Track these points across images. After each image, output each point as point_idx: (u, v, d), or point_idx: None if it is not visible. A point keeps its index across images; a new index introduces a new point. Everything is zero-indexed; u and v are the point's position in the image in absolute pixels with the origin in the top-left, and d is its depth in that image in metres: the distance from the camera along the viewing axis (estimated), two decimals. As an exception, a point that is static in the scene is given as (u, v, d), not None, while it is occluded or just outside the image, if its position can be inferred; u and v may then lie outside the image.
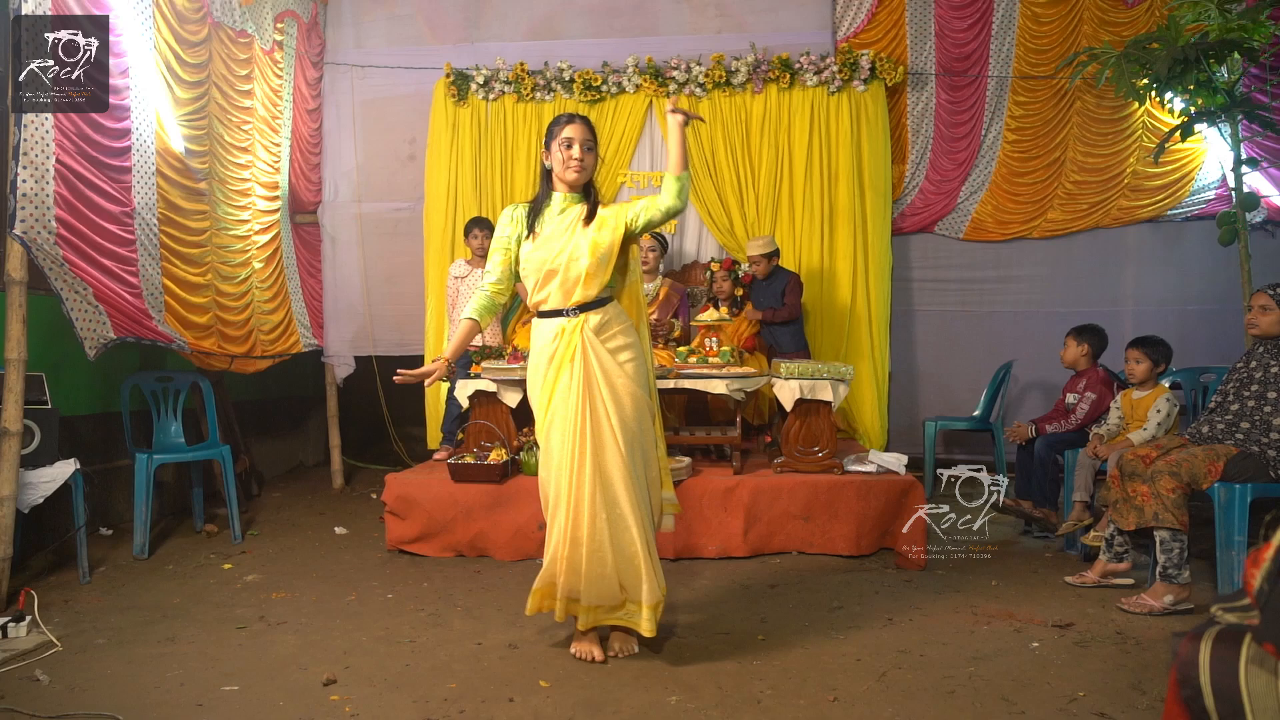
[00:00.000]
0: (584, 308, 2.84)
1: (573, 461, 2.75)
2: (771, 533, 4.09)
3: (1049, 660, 2.79)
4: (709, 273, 5.52)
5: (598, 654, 2.81)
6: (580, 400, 2.76)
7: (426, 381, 2.82)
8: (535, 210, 2.93)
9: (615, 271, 2.90)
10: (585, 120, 2.89)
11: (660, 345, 4.89)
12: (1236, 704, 1.31)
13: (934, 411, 5.67)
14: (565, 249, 2.83)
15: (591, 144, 2.87)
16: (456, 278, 5.23)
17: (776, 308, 5.10)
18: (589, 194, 2.94)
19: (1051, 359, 5.08)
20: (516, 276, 2.99)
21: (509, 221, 2.96)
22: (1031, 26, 5.68)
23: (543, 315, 2.90)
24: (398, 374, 2.78)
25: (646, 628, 2.73)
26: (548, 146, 2.91)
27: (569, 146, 2.83)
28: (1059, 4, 5.63)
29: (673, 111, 2.78)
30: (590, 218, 2.86)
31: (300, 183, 5.69)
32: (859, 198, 5.56)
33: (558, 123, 2.88)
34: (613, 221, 2.85)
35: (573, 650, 2.85)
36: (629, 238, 2.90)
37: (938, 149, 5.79)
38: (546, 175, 2.94)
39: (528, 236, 2.91)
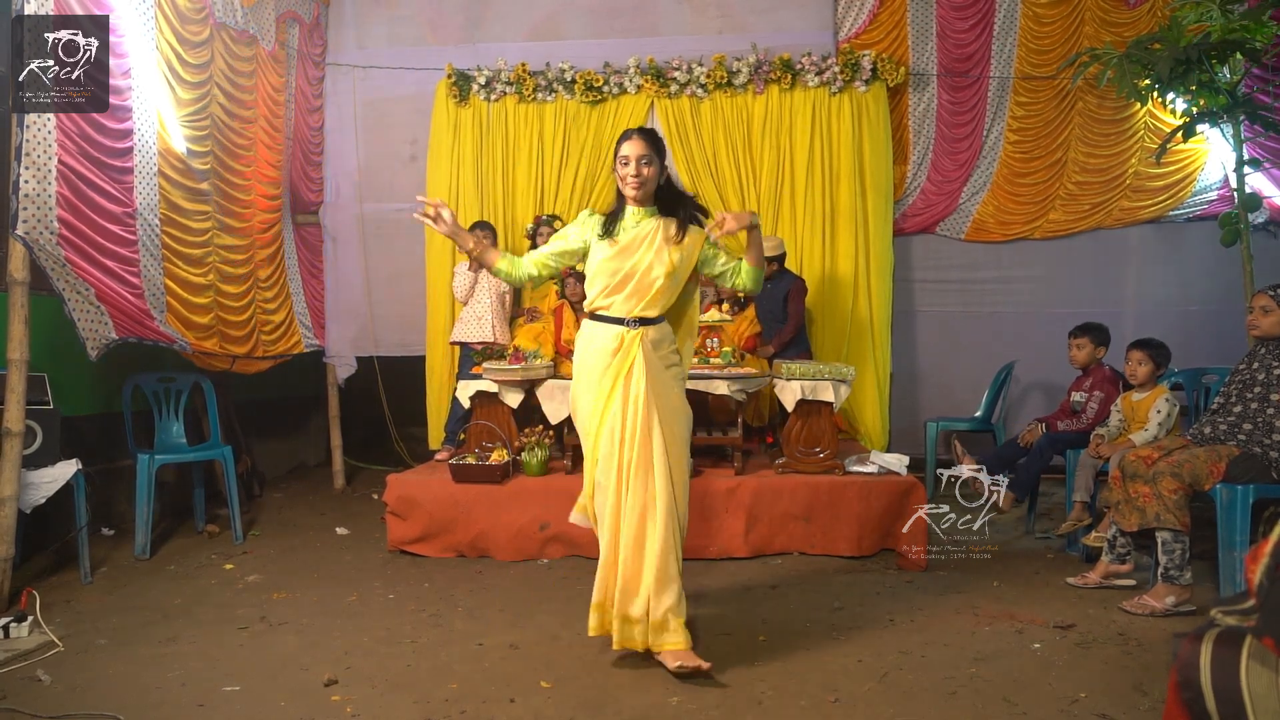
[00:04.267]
0: (644, 321, 2.88)
1: (626, 472, 2.77)
2: (773, 533, 4.09)
3: (1050, 661, 2.79)
4: None
5: (702, 663, 2.66)
6: (645, 412, 2.79)
7: (439, 226, 2.89)
8: (613, 219, 2.94)
9: (679, 294, 2.98)
10: (644, 133, 2.90)
11: None
12: (1238, 705, 1.30)
13: (935, 412, 5.67)
14: (643, 261, 2.87)
15: (650, 157, 2.87)
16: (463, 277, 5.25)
17: (779, 315, 5.09)
18: (676, 208, 2.95)
19: (1053, 360, 5.08)
20: (549, 274, 3.07)
21: (582, 224, 2.98)
22: (1033, 27, 5.68)
23: (599, 319, 2.92)
24: (422, 203, 2.88)
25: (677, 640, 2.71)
26: (614, 164, 2.95)
27: (626, 164, 2.87)
28: (1061, 4, 5.62)
29: (728, 233, 2.84)
30: (680, 235, 2.90)
31: (302, 183, 5.70)
32: (860, 198, 5.56)
33: (619, 140, 2.91)
34: (691, 250, 2.92)
35: (674, 666, 2.68)
36: (699, 270, 2.99)
37: (939, 149, 5.79)
38: (619, 190, 2.96)
39: (603, 238, 2.91)
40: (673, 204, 2.96)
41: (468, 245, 2.98)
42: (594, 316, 2.94)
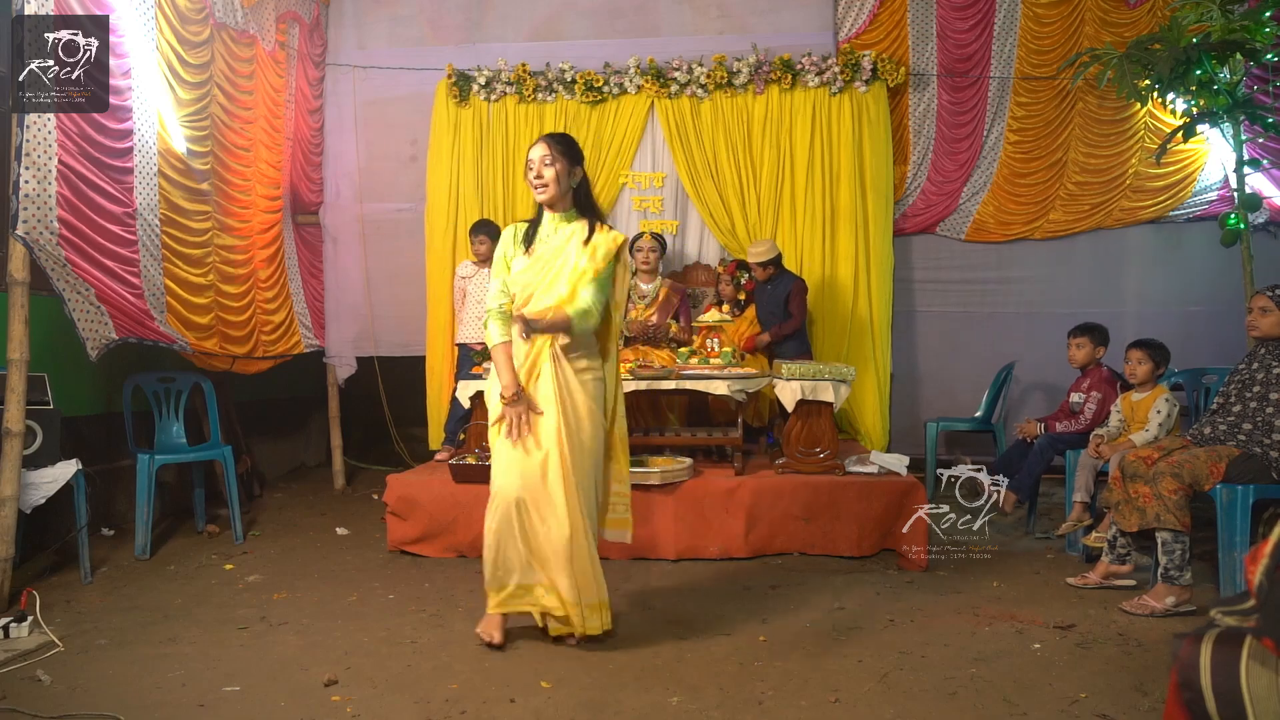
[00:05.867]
0: None
1: (522, 462, 2.84)
2: (773, 534, 4.09)
3: (1051, 662, 2.79)
4: (717, 275, 5.54)
5: (496, 636, 2.91)
6: (554, 412, 2.83)
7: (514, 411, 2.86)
8: (533, 227, 2.97)
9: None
10: (548, 137, 2.90)
11: (653, 347, 4.87)
12: (1238, 705, 1.30)
13: (936, 412, 5.67)
14: (551, 271, 2.88)
15: (551, 158, 2.87)
16: (464, 277, 5.26)
17: (780, 316, 5.09)
18: (587, 211, 2.94)
19: (1053, 360, 5.08)
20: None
21: (509, 241, 2.99)
22: (1033, 27, 5.68)
23: None
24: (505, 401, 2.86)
25: (579, 625, 2.84)
26: None
27: (530, 169, 2.89)
28: (1061, 5, 5.63)
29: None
30: (589, 239, 2.89)
31: (302, 183, 5.70)
32: (860, 198, 5.56)
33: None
34: (600, 254, 2.88)
35: (478, 630, 2.96)
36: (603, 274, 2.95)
37: (939, 150, 5.79)
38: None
39: (523, 254, 2.94)
40: (587, 208, 2.96)
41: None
42: None
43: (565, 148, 2.90)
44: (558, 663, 2.82)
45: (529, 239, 2.95)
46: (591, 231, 2.91)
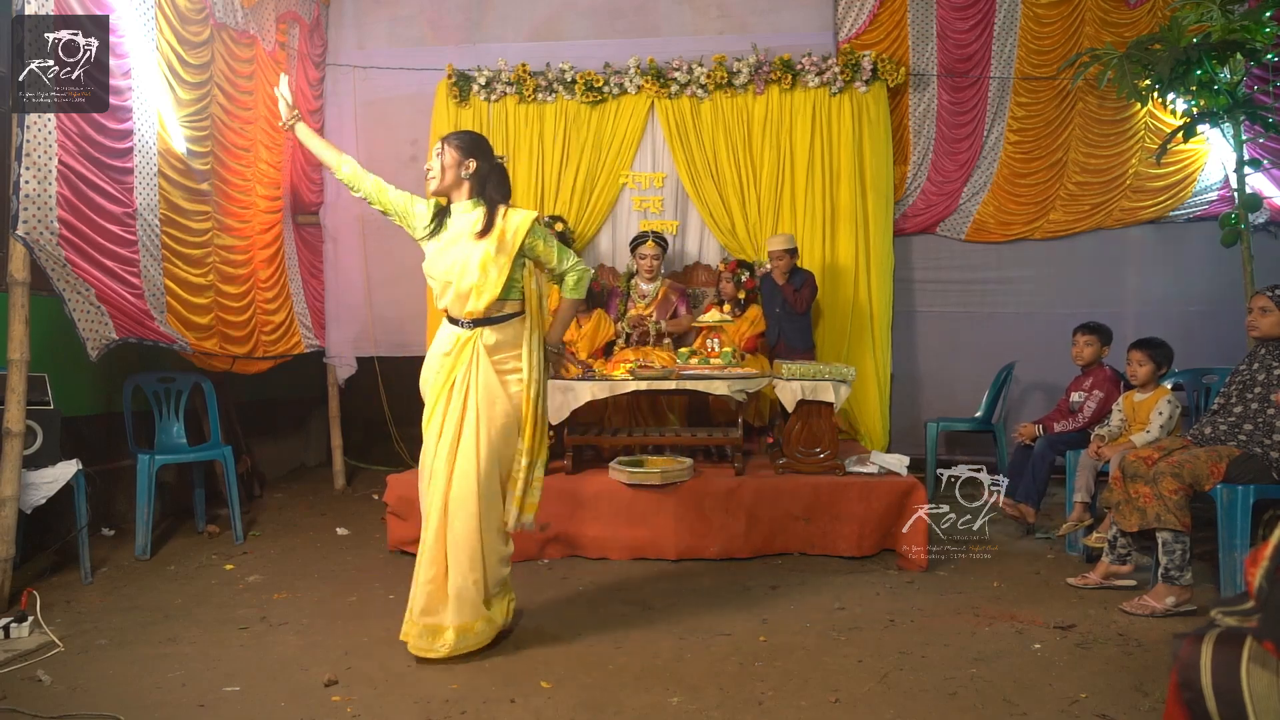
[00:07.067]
0: (478, 322, 2.90)
1: (436, 465, 2.91)
2: (773, 534, 4.09)
3: (1051, 662, 2.79)
4: (718, 274, 5.54)
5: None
6: (461, 412, 2.88)
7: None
8: (441, 214, 2.99)
9: (512, 289, 2.92)
10: (453, 135, 2.96)
11: (636, 345, 4.85)
12: (1238, 706, 1.30)
13: (936, 412, 5.67)
14: (458, 260, 2.88)
15: (440, 148, 2.93)
16: None
17: (796, 313, 5.09)
18: (488, 198, 2.94)
19: (1053, 360, 5.08)
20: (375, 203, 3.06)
21: (425, 207, 2.99)
22: (1033, 27, 5.68)
23: (446, 317, 2.98)
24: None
25: (444, 649, 2.79)
26: None
27: (428, 162, 2.96)
28: (1061, 5, 5.62)
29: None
30: (486, 230, 2.87)
31: (302, 183, 5.70)
32: (861, 199, 5.56)
33: None
34: (515, 233, 2.88)
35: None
36: (524, 258, 2.95)
37: (939, 150, 5.79)
38: None
39: (432, 236, 2.96)
40: (488, 194, 2.95)
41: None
42: (445, 314, 2.99)
43: (465, 142, 2.95)
44: (558, 663, 2.82)
45: (437, 223, 2.96)
46: (489, 223, 2.88)
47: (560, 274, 3.02)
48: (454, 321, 2.94)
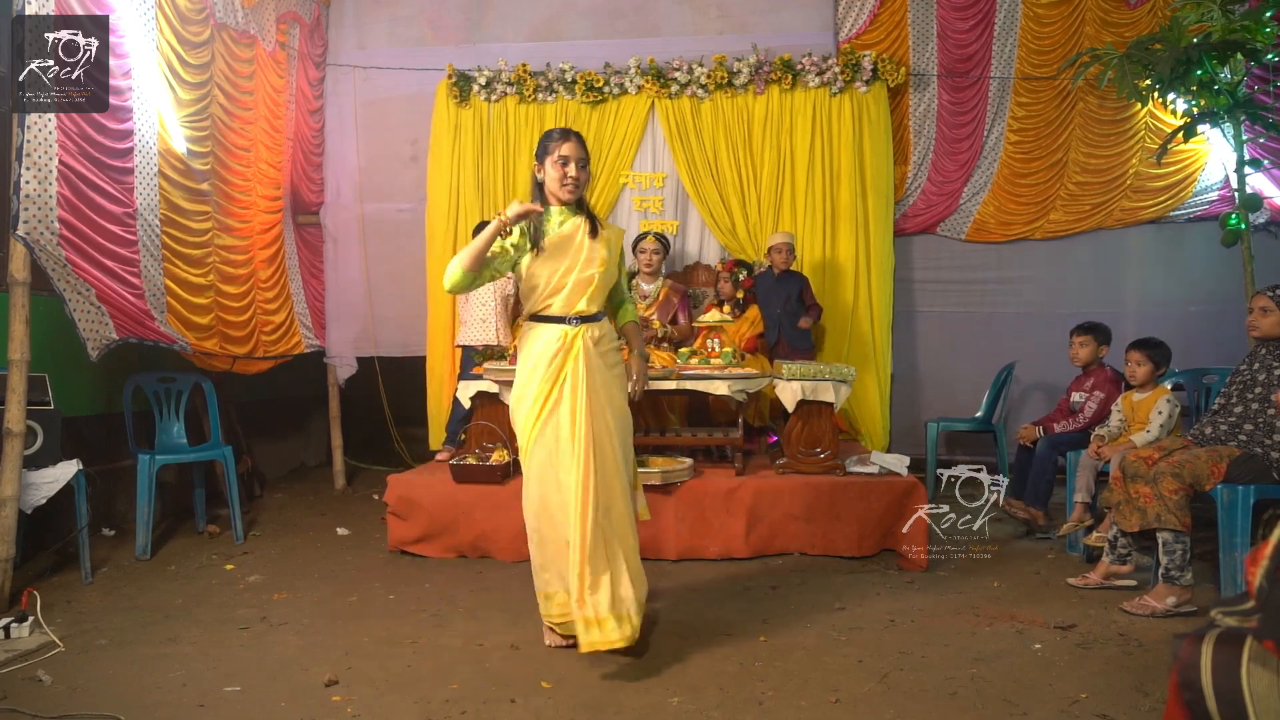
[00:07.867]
0: (584, 319, 2.90)
1: (578, 463, 2.77)
2: (773, 534, 4.09)
3: (1051, 662, 2.79)
4: (717, 274, 5.54)
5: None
6: (586, 405, 2.80)
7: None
8: (538, 220, 2.92)
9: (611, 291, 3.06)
10: (579, 137, 2.91)
11: (652, 347, 4.87)
12: (1239, 706, 1.30)
13: (936, 412, 5.66)
14: (576, 261, 2.88)
15: (585, 161, 2.91)
16: None
17: (792, 310, 5.09)
18: (584, 207, 2.98)
19: (1053, 360, 5.08)
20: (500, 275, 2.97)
21: (515, 233, 2.91)
22: (1034, 27, 5.68)
23: (541, 320, 2.91)
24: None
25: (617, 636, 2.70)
26: (540, 160, 2.91)
27: (565, 164, 2.86)
28: (1061, 5, 5.62)
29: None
30: (594, 232, 2.92)
31: (302, 184, 5.70)
32: (861, 199, 5.56)
33: (552, 138, 2.89)
34: (615, 243, 3.01)
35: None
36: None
37: (940, 150, 5.79)
38: (539, 187, 2.95)
39: (532, 250, 2.89)
40: (583, 205, 2.98)
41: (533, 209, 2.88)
42: (535, 318, 2.94)
43: (588, 152, 2.95)
44: (558, 663, 2.82)
45: (535, 235, 2.89)
46: (595, 225, 2.94)
47: (620, 300, 3.15)
48: (558, 320, 2.89)
